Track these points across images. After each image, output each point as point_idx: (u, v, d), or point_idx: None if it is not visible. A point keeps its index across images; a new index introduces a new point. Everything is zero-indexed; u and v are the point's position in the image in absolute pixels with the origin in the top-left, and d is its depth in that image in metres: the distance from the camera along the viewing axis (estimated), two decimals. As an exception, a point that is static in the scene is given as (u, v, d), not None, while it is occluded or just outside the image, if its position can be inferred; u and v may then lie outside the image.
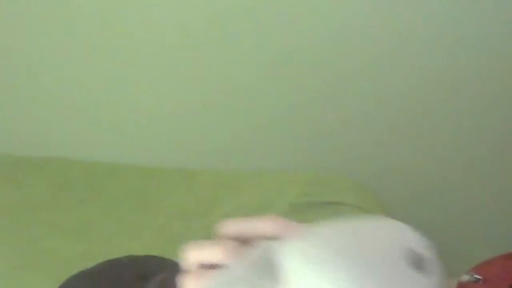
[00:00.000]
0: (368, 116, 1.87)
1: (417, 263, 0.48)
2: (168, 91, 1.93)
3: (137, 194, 1.76)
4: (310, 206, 1.60)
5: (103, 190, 1.80)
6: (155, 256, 1.02)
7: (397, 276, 0.46)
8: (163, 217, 1.64)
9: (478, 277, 1.65)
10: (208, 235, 1.58)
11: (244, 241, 0.51)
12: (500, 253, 1.74)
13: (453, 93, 1.82)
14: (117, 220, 1.65)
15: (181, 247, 0.51)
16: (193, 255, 0.50)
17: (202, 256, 0.49)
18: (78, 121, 2.01)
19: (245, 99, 1.89)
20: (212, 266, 0.49)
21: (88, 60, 1.92)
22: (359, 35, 1.77)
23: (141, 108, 1.97)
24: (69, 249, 1.54)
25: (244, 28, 1.80)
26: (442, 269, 0.49)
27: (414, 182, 1.94)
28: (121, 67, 1.91)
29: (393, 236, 0.50)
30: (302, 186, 1.66)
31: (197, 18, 1.81)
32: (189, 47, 1.85)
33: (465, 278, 1.66)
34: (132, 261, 1.02)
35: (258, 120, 1.92)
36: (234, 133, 1.95)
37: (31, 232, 1.62)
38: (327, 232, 0.48)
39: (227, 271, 0.48)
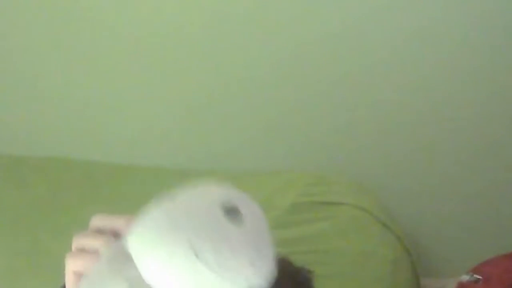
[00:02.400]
0: (368, 116, 1.87)
1: (229, 214, 0.55)
2: (169, 91, 1.93)
3: (137, 194, 1.76)
4: (310, 206, 1.60)
5: (102, 190, 1.80)
6: None
7: (212, 223, 0.54)
8: (163, 217, 1.64)
9: (478, 277, 1.64)
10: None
11: (117, 234, 0.61)
12: (500, 253, 1.74)
13: (453, 93, 1.82)
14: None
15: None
16: (77, 240, 0.62)
17: (83, 242, 0.61)
18: (78, 121, 2.01)
19: (245, 100, 1.89)
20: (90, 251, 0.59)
21: (88, 61, 1.92)
22: (358, 36, 1.77)
23: (141, 108, 1.97)
24: (68, 249, 1.53)
25: (244, 29, 1.81)
26: (258, 220, 0.58)
27: (414, 182, 1.94)
28: (121, 67, 1.91)
29: (209, 194, 0.58)
30: (302, 186, 1.66)
31: (198, 19, 1.81)
32: (190, 48, 1.85)
33: (465, 278, 1.66)
34: None
35: (258, 121, 1.92)
36: (234, 134, 1.95)
37: (31, 232, 1.62)
38: (152, 211, 0.59)
39: (97, 261, 0.59)
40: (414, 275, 1.61)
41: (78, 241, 0.63)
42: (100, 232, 0.62)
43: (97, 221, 0.63)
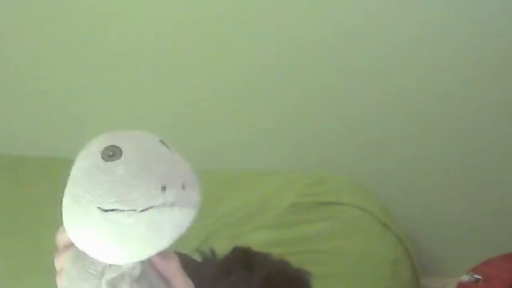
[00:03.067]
0: (368, 116, 1.87)
1: (109, 155, 0.59)
2: (168, 91, 1.93)
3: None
4: (310, 206, 1.60)
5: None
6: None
7: (96, 169, 0.59)
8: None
9: (478, 277, 1.64)
10: (208, 234, 1.58)
11: None
12: (500, 253, 1.74)
13: (454, 93, 1.82)
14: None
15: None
16: (59, 237, 0.65)
17: (63, 239, 0.64)
18: (78, 121, 2.01)
19: (245, 100, 1.89)
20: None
21: (88, 61, 1.92)
22: (358, 36, 1.77)
23: (140, 108, 1.97)
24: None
25: (244, 30, 1.81)
26: (132, 160, 0.59)
27: (414, 182, 1.94)
28: (121, 67, 1.91)
29: (94, 146, 0.62)
30: (302, 186, 1.66)
31: (197, 19, 1.81)
32: (190, 48, 1.85)
33: (465, 278, 1.66)
34: None
35: (258, 120, 1.92)
36: (234, 133, 1.95)
37: (31, 232, 1.62)
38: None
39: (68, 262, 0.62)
40: (414, 275, 1.61)
41: (61, 238, 0.65)
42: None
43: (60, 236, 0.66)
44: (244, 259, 0.97)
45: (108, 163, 0.59)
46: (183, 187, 0.59)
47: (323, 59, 1.81)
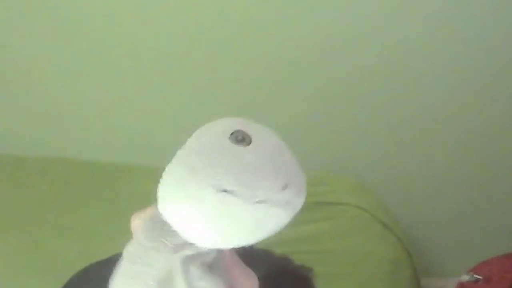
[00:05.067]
0: (368, 116, 1.87)
1: (238, 139, 0.58)
2: (168, 91, 1.93)
3: (137, 194, 1.76)
4: (310, 206, 1.60)
5: (103, 191, 1.80)
6: None
7: (222, 148, 0.57)
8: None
9: (478, 277, 1.65)
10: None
11: None
12: (500, 253, 1.74)
13: (453, 94, 1.82)
14: (117, 220, 1.64)
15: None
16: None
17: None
18: (78, 121, 2.01)
19: (245, 100, 1.89)
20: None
21: (88, 60, 1.92)
22: (358, 36, 1.77)
23: (141, 108, 1.97)
24: (69, 249, 1.54)
25: (244, 30, 1.81)
26: (270, 137, 0.62)
27: (414, 182, 1.94)
28: (121, 67, 1.91)
29: (216, 129, 0.61)
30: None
31: (199, 20, 1.81)
32: (190, 48, 1.85)
33: (465, 278, 1.66)
34: None
35: (258, 120, 1.92)
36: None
37: (31, 232, 1.62)
38: (168, 168, 0.63)
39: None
40: (414, 275, 1.61)
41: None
42: None
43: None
44: (245, 256, 0.97)
45: (237, 146, 0.58)
46: (299, 191, 0.60)
47: (323, 60, 1.81)
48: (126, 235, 0.66)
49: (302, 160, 0.69)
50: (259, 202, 0.56)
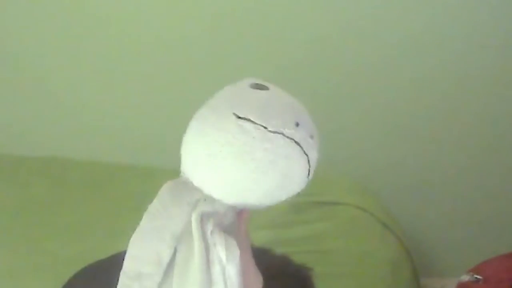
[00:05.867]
0: (368, 115, 1.87)
1: (257, 87, 0.65)
2: (168, 91, 1.93)
3: (137, 194, 1.76)
4: (310, 206, 1.60)
5: (102, 190, 1.80)
6: None
7: (242, 91, 0.64)
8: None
9: (478, 277, 1.64)
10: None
11: None
12: (500, 253, 1.74)
13: (453, 94, 1.82)
14: (117, 220, 1.65)
15: None
16: None
17: None
18: (78, 121, 2.01)
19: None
20: None
21: (88, 61, 1.92)
22: (358, 36, 1.77)
23: (141, 108, 1.97)
24: (68, 249, 1.54)
25: (245, 31, 1.81)
26: (281, 90, 0.67)
27: (414, 182, 1.94)
28: (121, 67, 1.91)
29: (242, 81, 0.67)
30: (301, 186, 1.66)
31: (199, 21, 1.81)
32: (190, 48, 1.85)
33: (465, 278, 1.66)
34: None
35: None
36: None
37: (31, 232, 1.62)
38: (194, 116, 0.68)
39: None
40: (414, 275, 1.61)
41: None
42: None
43: None
44: None
45: (255, 89, 0.64)
46: (311, 138, 0.64)
47: (322, 60, 1.81)
48: (126, 234, 0.66)
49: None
50: (272, 132, 0.60)
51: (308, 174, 0.65)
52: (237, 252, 0.60)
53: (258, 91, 0.64)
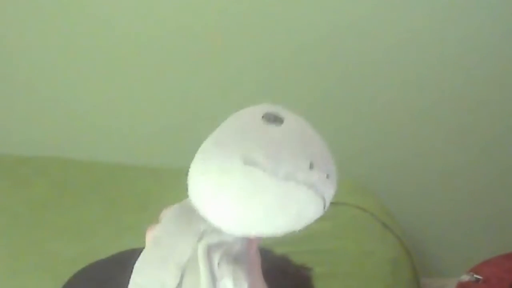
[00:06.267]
0: (368, 116, 1.87)
1: (270, 119, 0.59)
2: (169, 91, 1.93)
3: (137, 194, 1.76)
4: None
5: (103, 190, 1.80)
6: None
7: (250, 126, 0.58)
8: (163, 217, 1.64)
9: (478, 277, 1.64)
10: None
11: None
12: (500, 253, 1.74)
13: (454, 94, 1.82)
14: (117, 220, 1.65)
15: None
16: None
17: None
18: (78, 121, 2.01)
19: (245, 100, 1.89)
20: None
21: (88, 61, 1.92)
22: (358, 36, 1.77)
23: (141, 108, 1.97)
24: (69, 249, 1.54)
25: (245, 30, 1.81)
26: (301, 121, 0.62)
27: (414, 182, 1.94)
28: (121, 67, 1.91)
29: (248, 111, 0.62)
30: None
31: (199, 19, 1.81)
32: (190, 48, 1.85)
33: (465, 278, 1.66)
34: None
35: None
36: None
37: (31, 232, 1.62)
38: (200, 148, 0.63)
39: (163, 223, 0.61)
40: (414, 275, 1.61)
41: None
42: None
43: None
44: None
45: (268, 125, 0.58)
46: (327, 177, 0.59)
47: (322, 59, 1.81)
48: (126, 234, 0.66)
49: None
50: (285, 178, 0.56)
51: (324, 208, 0.61)
52: (245, 285, 0.58)
53: (270, 127, 0.58)
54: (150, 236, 0.61)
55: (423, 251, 1.93)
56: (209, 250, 0.58)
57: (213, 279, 0.58)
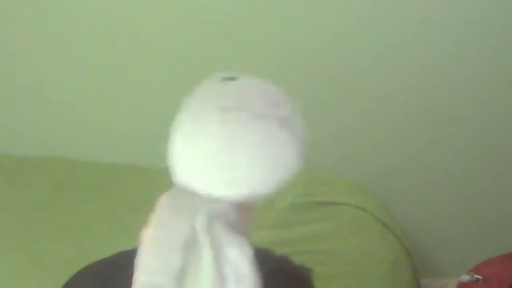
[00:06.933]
0: (368, 116, 1.87)
1: (228, 78, 0.65)
2: (169, 91, 1.93)
3: (137, 194, 1.76)
4: (309, 206, 1.60)
5: (103, 190, 1.80)
6: None
7: (214, 85, 0.67)
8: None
9: (478, 277, 1.65)
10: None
11: None
12: (500, 253, 1.74)
13: (454, 94, 1.82)
14: (117, 220, 1.65)
15: None
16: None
17: None
18: (78, 121, 2.01)
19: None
20: None
21: (87, 61, 1.92)
22: (359, 36, 1.77)
23: (141, 108, 1.97)
24: (69, 249, 1.54)
25: (245, 30, 1.81)
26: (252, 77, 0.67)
27: (414, 182, 1.94)
28: (121, 67, 1.91)
29: (211, 77, 0.69)
30: (302, 186, 1.66)
31: (198, 19, 1.81)
32: (189, 47, 1.85)
33: (465, 278, 1.66)
34: None
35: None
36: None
37: (31, 232, 1.62)
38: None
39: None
40: (414, 275, 1.62)
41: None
42: None
43: None
44: None
45: (228, 81, 0.65)
46: (293, 115, 0.67)
47: (323, 59, 1.81)
48: (126, 234, 0.67)
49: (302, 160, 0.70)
50: (258, 116, 0.61)
51: (298, 154, 0.65)
52: (249, 250, 0.60)
53: (231, 82, 0.65)
54: (147, 228, 0.64)
55: (423, 251, 1.93)
56: (207, 222, 0.61)
57: (215, 248, 0.59)
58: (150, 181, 1.83)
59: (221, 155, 0.59)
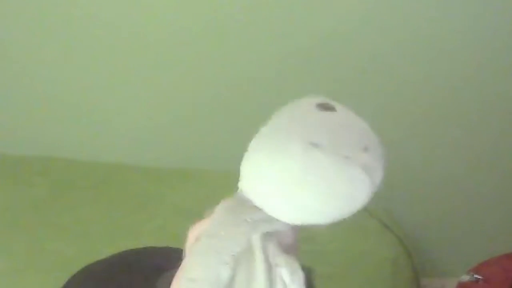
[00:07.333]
0: (368, 116, 1.87)
1: (324, 108, 0.62)
2: (169, 91, 1.93)
3: (137, 194, 1.76)
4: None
5: (103, 190, 1.80)
6: (176, 249, 1.04)
7: (307, 113, 0.61)
8: (163, 217, 1.64)
9: (478, 277, 1.65)
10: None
11: None
12: (500, 253, 1.74)
13: (454, 94, 1.82)
14: (117, 220, 1.65)
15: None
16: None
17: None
18: (78, 121, 2.01)
19: (245, 100, 1.89)
20: None
21: (88, 60, 1.92)
22: (361, 35, 1.77)
23: (141, 108, 1.97)
24: (69, 249, 1.54)
25: (245, 30, 1.81)
26: (353, 113, 0.66)
27: (414, 181, 1.94)
28: (121, 67, 1.91)
29: (307, 99, 0.65)
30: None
31: (198, 18, 1.81)
32: (190, 47, 1.85)
33: (465, 278, 1.66)
34: (152, 252, 1.03)
35: (258, 120, 1.92)
36: (234, 133, 1.95)
37: (31, 232, 1.62)
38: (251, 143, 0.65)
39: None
40: (414, 275, 1.61)
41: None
42: None
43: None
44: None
45: (323, 112, 0.61)
46: (378, 160, 0.62)
47: (324, 59, 1.81)
48: (126, 234, 0.66)
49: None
50: (345, 158, 0.58)
51: (372, 192, 0.63)
52: (301, 273, 0.59)
53: (327, 113, 0.62)
54: (196, 232, 0.62)
55: (423, 251, 1.93)
56: (264, 239, 0.59)
57: (268, 267, 0.58)
58: (150, 181, 1.84)
59: (295, 191, 0.57)
